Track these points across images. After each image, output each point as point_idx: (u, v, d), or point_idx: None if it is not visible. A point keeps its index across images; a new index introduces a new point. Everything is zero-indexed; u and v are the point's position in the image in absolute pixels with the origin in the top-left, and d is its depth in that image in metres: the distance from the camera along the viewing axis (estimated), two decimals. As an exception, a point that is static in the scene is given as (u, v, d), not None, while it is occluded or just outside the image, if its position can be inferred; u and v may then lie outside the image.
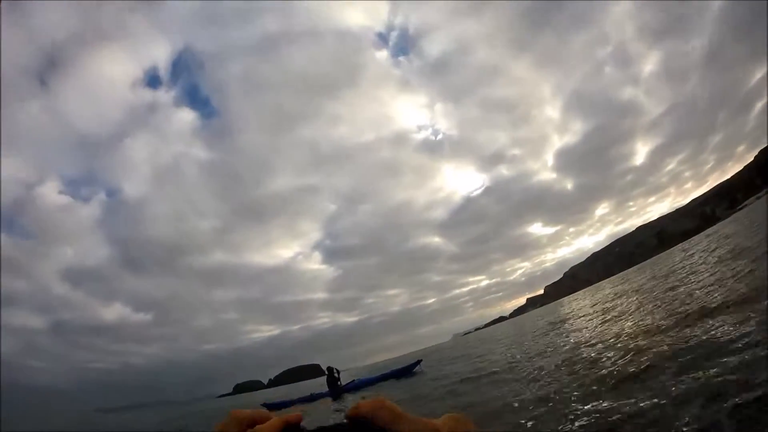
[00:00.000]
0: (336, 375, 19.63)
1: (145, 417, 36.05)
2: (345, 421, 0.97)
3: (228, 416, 0.96)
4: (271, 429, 0.97)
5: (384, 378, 19.00)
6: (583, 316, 19.40)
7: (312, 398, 18.89)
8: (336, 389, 19.25)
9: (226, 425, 0.96)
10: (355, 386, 18.97)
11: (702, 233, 74.81)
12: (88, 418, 48.68)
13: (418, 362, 19.60)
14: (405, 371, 19.03)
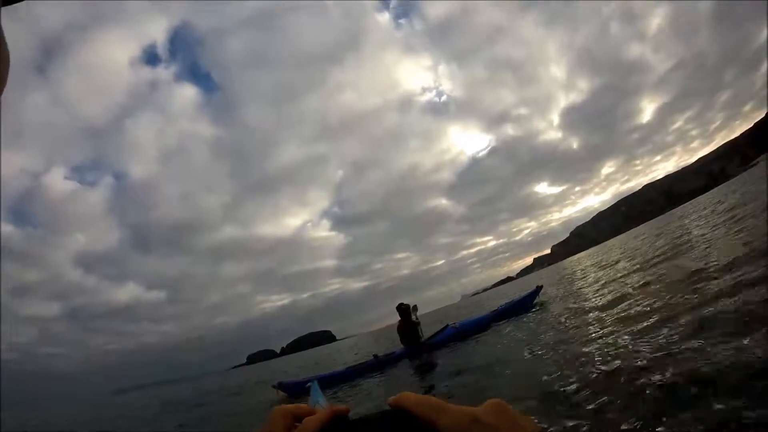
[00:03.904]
0: (415, 319, 11.68)
1: (159, 395, 36.51)
2: (388, 407, 0.95)
3: (273, 412, 0.92)
4: (319, 422, 0.94)
5: (496, 318, 12.16)
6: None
7: (353, 373, 10.65)
8: (415, 344, 11.42)
9: (273, 422, 0.93)
10: (449, 337, 11.29)
11: (713, 190, 74.07)
12: (104, 401, 49.38)
13: (538, 289, 13.11)
14: (524, 304, 12.65)
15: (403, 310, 11.76)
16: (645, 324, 5.38)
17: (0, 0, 0.79)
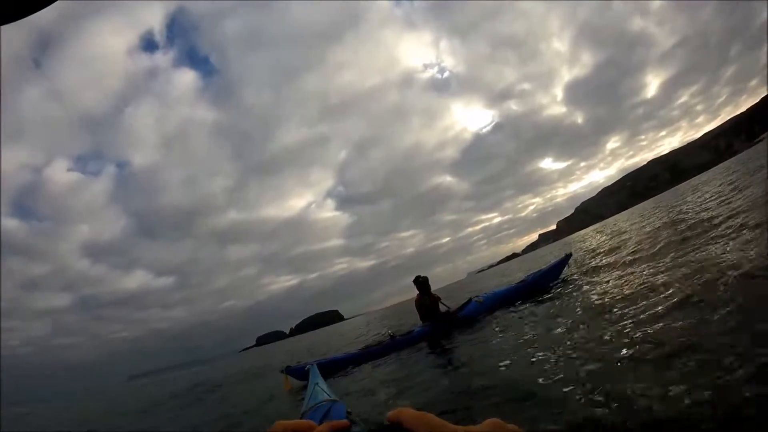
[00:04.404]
0: (440, 300, 10.13)
1: (173, 379, 37.14)
2: (387, 423, 0.93)
3: (274, 426, 0.93)
4: None
5: (523, 290, 10.46)
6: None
7: (365, 356, 9.44)
8: (437, 321, 9.84)
9: None
10: (473, 313, 9.89)
11: (720, 165, 73.48)
12: (122, 388, 49.98)
13: (567, 257, 11.39)
14: (553, 274, 11.01)
15: (422, 282, 10.07)
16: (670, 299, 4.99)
17: None
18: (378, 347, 9.61)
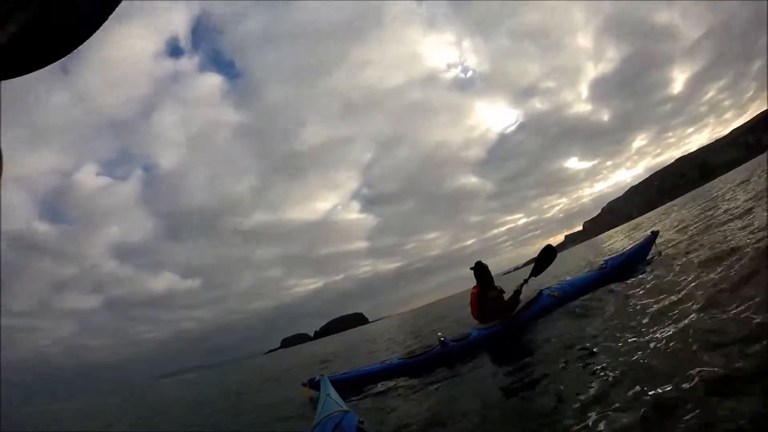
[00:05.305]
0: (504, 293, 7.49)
1: (201, 379, 37.42)
2: None
3: None
4: None
5: (604, 279, 8.26)
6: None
7: (405, 367, 6.99)
8: (500, 320, 7.24)
9: None
10: (546, 309, 7.46)
11: (750, 162, 71.32)
12: (154, 385, 50.51)
13: (654, 236, 9.37)
14: (638, 258, 9.02)
15: (483, 269, 7.47)
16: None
17: None
18: (425, 356, 7.01)
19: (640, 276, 7.28)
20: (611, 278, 8.08)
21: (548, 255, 8.07)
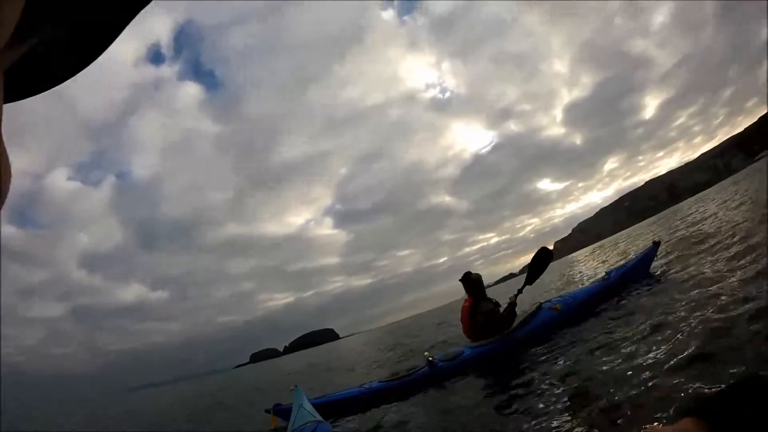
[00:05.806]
0: (499, 306, 6.57)
1: (168, 393, 36.18)
2: None
3: None
4: None
5: (607, 291, 7.68)
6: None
7: (389, 390, 5.97)
8: (495, 337, 6.34)
9: None
10: (545, 325, 6.56)
11: (718, 185, 73.02)
12: (124, 398, 48.63)
13: (656, 246, 8.66)
14: (641, 269, 8.41)
15: (474, 281, 6.52)
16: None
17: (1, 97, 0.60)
18: (410, 378, 6.09)
19: (645, 288, 6.91)
20: (615, 289, 7.55)
21: (544, 258, 7.35)
